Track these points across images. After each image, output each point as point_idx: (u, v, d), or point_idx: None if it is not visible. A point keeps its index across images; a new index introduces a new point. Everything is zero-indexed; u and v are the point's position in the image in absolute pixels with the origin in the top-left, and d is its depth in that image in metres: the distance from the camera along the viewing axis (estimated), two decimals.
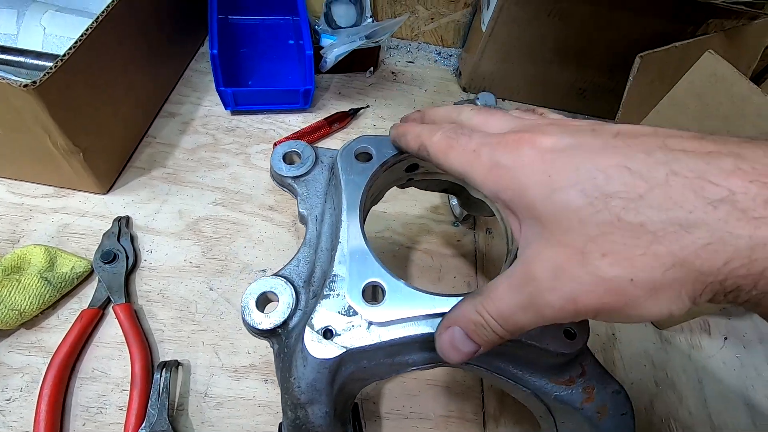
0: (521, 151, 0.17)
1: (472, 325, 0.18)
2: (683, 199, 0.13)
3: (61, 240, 0.39)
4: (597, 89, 0.58)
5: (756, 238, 0.12)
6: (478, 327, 0.18)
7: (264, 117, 0.52)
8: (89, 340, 0.35)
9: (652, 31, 0.51)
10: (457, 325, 0.18)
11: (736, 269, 0.13)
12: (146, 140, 0.47)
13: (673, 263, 0.13)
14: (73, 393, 0.33)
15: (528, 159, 0.16)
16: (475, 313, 0.18)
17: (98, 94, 0.38)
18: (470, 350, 0.18)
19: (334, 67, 0.55)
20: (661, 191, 0.14)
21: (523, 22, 0.51)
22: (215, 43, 0.46)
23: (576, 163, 0.15)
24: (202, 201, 0.44)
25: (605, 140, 0.16)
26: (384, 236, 0.45)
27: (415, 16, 0.63)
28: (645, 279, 0.14)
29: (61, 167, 0.39)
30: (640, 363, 0.42)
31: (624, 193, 0.14)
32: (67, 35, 0.44)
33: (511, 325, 0.17)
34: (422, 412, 0.36)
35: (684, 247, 0.13)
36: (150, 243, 0.41)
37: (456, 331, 0.18)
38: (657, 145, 0.15)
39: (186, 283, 0.39)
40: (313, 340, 0.22)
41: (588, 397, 0.24)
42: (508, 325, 0.17)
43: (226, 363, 0.36)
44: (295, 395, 0.22)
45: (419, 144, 0.22)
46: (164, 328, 0.36)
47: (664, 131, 0.16)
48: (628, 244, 0.14)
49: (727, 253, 0.13)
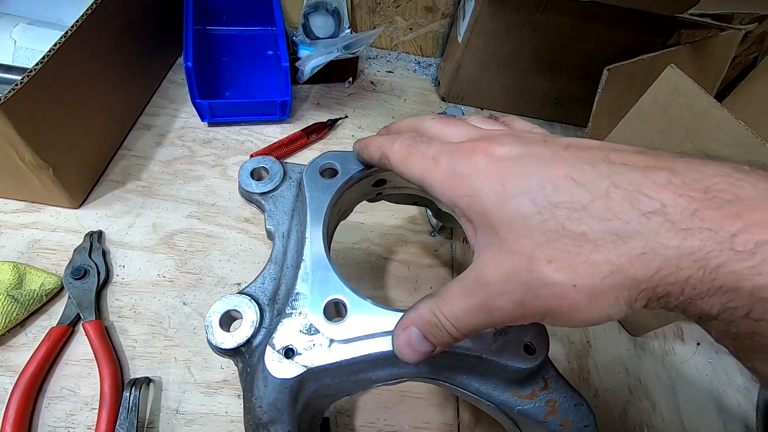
0: (476, 159, 0.17)
1: (428, 325, 0.18)
2: (621, 210, 0.14)
3: (31, 256, 0.39)
4: (572, 99, 0.59)
5: (683, 248, 0.13)
6: (434, 328, 0.18)
7: (241, 128, 0.52)
8: (58, 359, 0.34)
9: (624, 43, 0.52)
10: (414, 326, 0.19)
11: (665, 277, 0.14)
12: (121, 153, 0.47)
13: (611, 271, 0.14)
14: (41, 413, 0.32)
15: (483, 167, 0.17)
16: (431, 315, 0.18)
17: (68, 108, 0.38)
18: (426, 350, 0.19)
19: (313, 77, 0.55)
20: (602, 202, 0.14)
21: (498, 34, 0.52)
22: (190, 55, 0.46)
23: (527, 173, 0.16)
24: (177, 214, 0.44)
25: (555, 151, 0.17)
26: (361, 247, 0.45)
27: (393, 26, 0.64)
28: (586, 285, 0.15)
29: (31, 182, 0.38)
30: (614, 370, 0.42)
31: (569, 204, 0.15)
32: (39, 48, 0.43)
33: (465, 327, 0.18)
34: (396, 425, 0.36)
35: (621, 255, 0.14)
36: (123, 258, 0.40)
37: (413, 331, 0.19)
38: (601, 158, 0.15)
39: (159, 298, 0.39)
40: (273, 359, 0.22)
41: (551, 410, 0.24)
42: (461, 326, 0.18)
43: (198, 379, 0.35)
44: (257, 415, 0.22)
45: (381, 154, 0.22)
46: (136, 345, 0.36)
47: (610, 145, 0.16)
48: (571, 252, 0.15)
49: (658, 262, 0.14)
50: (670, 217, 0.13)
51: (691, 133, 0.33)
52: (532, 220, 0.15)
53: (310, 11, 0.57)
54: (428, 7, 0.61)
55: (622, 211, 0.14)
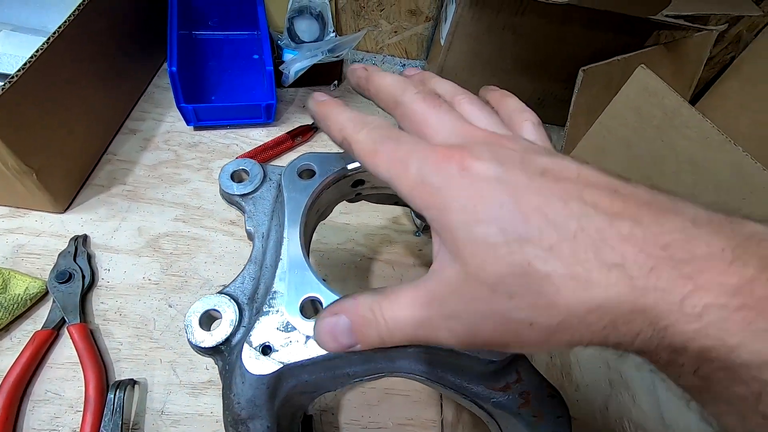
0: (449, 171, 0.16)
1: (361, 320, 0.18)
2: (585, 258, 0.14)
3: (16, 261, 0.39)
4: (554, 99, 0.60)
5: (636, 305, 0.14)
6: (366, 324, 0.17)
7: (227, 132, 0.53)
8: (43, 362, 0.35)
9: (602, 44, 0.53)
10: (346, 315, 0.18)
11: (618, 327, 0.14)
12: (106, 158, 0.47)
13: (568, 314, 0.14)
14: (25, 416, 0.32)
15: (455, 181, 0.16)
16: (369, 310, 0.17)
17: (52, 114, 0.38)
18: (347, 344, 0.18)
19: (299, 80, 0.55)
20: (568, 246, 0.14)
21: (479, 36, 0.53)
22: (175, 60, 0.46)
23: (500, 199, 0.15)
24: (162, 217, 0.44)
25: (531, 178, 0.16)
26: (346, 248, 0.46)
27: (378, 30, 0.64)
28: (543, 325, 0.15)
29: (14, 187, 0.38)
30: (595, 365, 0.43)
31: (538, 241, 0.15)
32: (22, 54, 0.44)
33: (400, 335, 0.17)
34: (380, 422, 0.36)
35: (580, 303, 0.14)
36: (108, 261, 0.41)
37: (341, 320, 0.18)
38: (574, 195, 0.15)
39: (144, 300, 0.39)
40: (250, 356, 0.22)
41: (525, 402, 0.25)
42: (396, 333, 0.17)
43: (184, 380, 0.36)
44: (236, 411, 0.23)
45: (342, 138, 0.20)
46: (121, 347, 0.36)
47: (585, 176, 0.16)
48: (533, 290, 0.15)
49: (613, 314, 0.14)
50: (629, 272, 0.14)
51: (662, 131, 0.34)
52: (499, 250, 0.15)
53: (295, 16, 0.58)
54: (412, 11, 0.62)
55: (586, 259, 0.14)
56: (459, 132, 0.18)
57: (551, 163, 0.16)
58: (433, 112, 0.19)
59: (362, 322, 0.17)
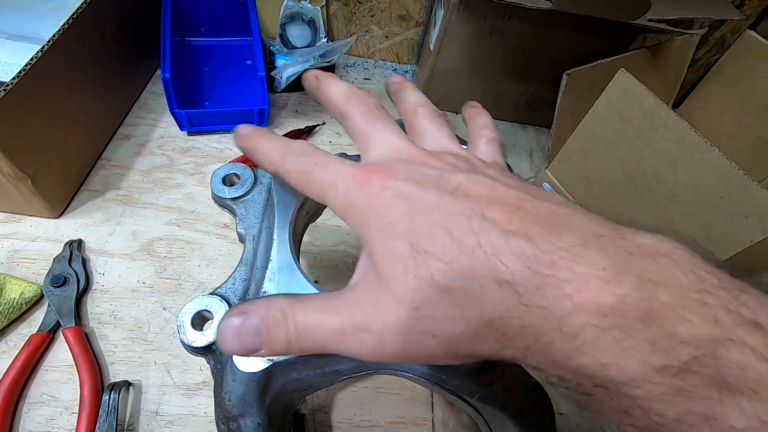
0: (370, 190, 0.17)
1: (272, 321, 0.17)
2: (480, 273, 0.15)
3: (11, 266, 0.39)
4: (542, 101, 0.61)
5: (523, 320, 0.14)
6: (275, 327, 0.17)
7: (221, 136, 0.54)
8: (38, 365, 0.35)
9: (587, 48, 0.54)
10: (257, 315, 0.17)
11: (511, 341, 0.15)
12: (100, 163, 0.48)
13: (465, 327, 0.15)
14: (21, 419, 0.33)
15: (375, 200, 0.17)
16: (281, 312, 0.17)
17: (46, 120, 0.39)
18: (251, 347, 0.17)
19: (292, 85, 0.56)
20: (466, 260, 0.15)
21: (468, 40, 0.54)
22: (167, 66, 0.47)
23: (411, 216, 0.16)
24: (156, 222, 0.45)
25: (441, 195, 0.16)
26: (338, 250, 0.47)
27: (370, 35, 0.65)
28: (444, 336, 0.15)
29: (9, 193, 0.39)
30: None
31: (440, 255, 0.15)
32: (17, 62, 0.44)
33: (308, 342, 0.17)
34: (373, 420, 0.37)
35: (474, 315, 0.15)
36: (103, 265, 0.41)
37: (251, 319, 0.17)
38: (477, 212, 0.16)
39: (139, 303, 0.39)
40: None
41: (509, 396, 0.26)
42: (304, 339, 0.17)
43: (178, 381, 0.36)
44: (227, 408, 0.23)
45: (273, 170, 0.20)
46: (115, 350, 0.37)
47: (496, 193, 0.16)
48: (434, 302, 0.15)
49: (504, 329, 0.15)
50: (518, 289, 0.14)
51: (642, 133, 0.35)
52: (407, 263, 0.16)
53: (287, 22, 0.59)
54: (402, 16, 0.63)
55: (481, 274, 0.15)
56: (389, 150, 0.19)
57: (466, 180, 0.17)
58: (371, 127, 0.20)
59: (271, 324, 0.17)
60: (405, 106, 0.24)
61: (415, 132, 0.22)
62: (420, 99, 0.23)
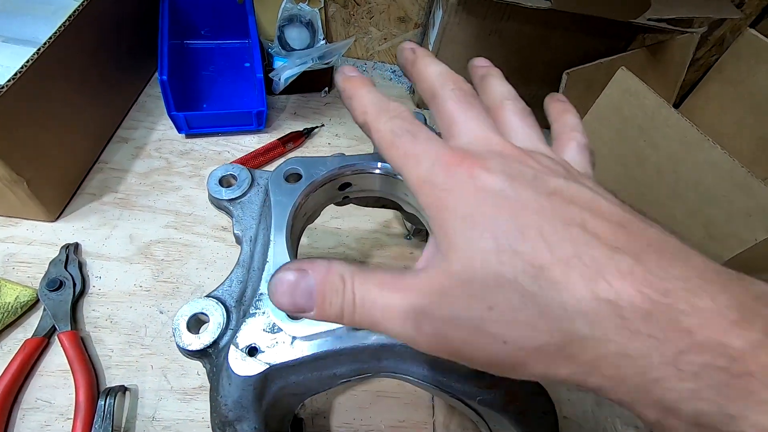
0: (458, 176, 0.16)
1: (328, 285, 0.16)
2: (575, 287, 0.13)
3: (7, 270, 0.39)
4: (542, 102, 0.61)
5: (626, 347, 0.12)
6: (332, 291, 0.16)
7: (219, 139, 0.53)
8: (33, 370, 0.35)
9: (587, 48, 0.54)
10: (315, 276, 0.16)
11: (601, 369, 0.13)
12: (97, 166, 0.48)
13: (547, 341, 0.13)
14: (16, 424, 0.32)
15: (460, 187, 0.16)
16: (340, 279, 0.16)
17: (42, 123, 0.39)
18: (301, 306, 0.16)
19: (290, 87, 0.56)
20: (560, 270, 0.13)
21: (467, 42, 0.54)
22: (165, 69, 0.47)
23: (500, 213, 0.15)
24: (153, 225, 0.44)
25: (537, 197, 0.15)
26: (337, 252, 0.46)
27: (368, 37, 0.65)
28: (517, 345, 0.14)
29: (5, 197, 0.39)
30: None
31: (530, 258, 0.14)
32: (13, 65, 0.44)
33: (362, 316, 0.16)
34: (372, 424, 0.36)
35: (563, 331, 0.13)
36: (99, 269, 0.41)
37: (308, 280, 0.16)
38: (578, 221, 0.14)
39: (135, 307, 0.39)
40: (237, 358, 0.22)
41: (510, 399, 0.25)
42: (360, 313, 0.16)
43: (175, 386, 0.36)
44: (223, 413, 0.23)
45: (363, 121, 0.19)
46: (112, 354, 0.36)
47: (597, 206, 0.15)
48: (515, 307, 0.14)
49: (597, 353, 0.13)
50: (622, 312, 0.13)
51: (643, 131, 0.35)
52: (488, 257, 0.14)
53: (285, 24, 0.59)
54: (401, 18, 0.63)
55: (576, 287, 0.13)
56: (480, 139, 0.18)
57: (565, 186, 0.16)
58: (463, 114, 0.19)
59: (328, 288, 0.16)
60: (492, 96, 0.21)
61: (503, 126, 0.20)
62: (509, 92, 0.22)
